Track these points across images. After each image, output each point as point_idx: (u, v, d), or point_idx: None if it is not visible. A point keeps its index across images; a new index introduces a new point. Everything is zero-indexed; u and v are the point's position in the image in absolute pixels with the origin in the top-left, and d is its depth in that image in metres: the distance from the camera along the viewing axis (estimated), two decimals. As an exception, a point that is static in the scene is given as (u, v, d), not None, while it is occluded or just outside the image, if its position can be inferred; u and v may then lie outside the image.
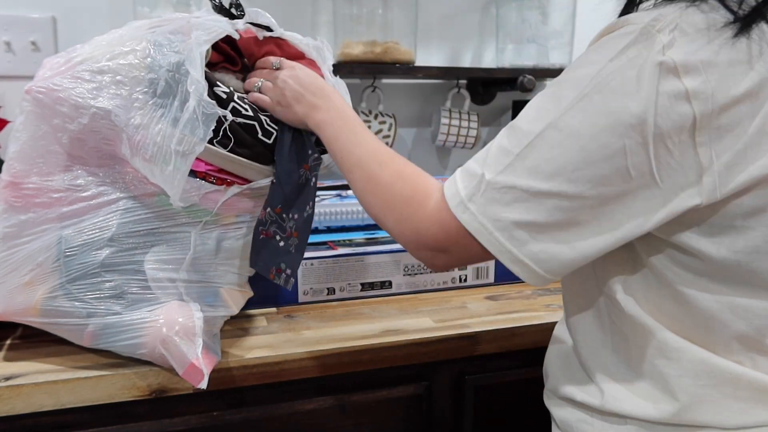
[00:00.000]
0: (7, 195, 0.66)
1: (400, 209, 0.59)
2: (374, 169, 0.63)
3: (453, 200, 0.54)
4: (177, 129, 0.62)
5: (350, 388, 0.78)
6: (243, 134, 0.67)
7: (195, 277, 0.70)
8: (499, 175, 0.52)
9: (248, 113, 0.68)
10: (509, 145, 0.52)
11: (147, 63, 0.64)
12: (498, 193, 0.52)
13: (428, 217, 0.57)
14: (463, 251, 0.56)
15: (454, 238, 0.55)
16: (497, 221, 0.52)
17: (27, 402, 0.64)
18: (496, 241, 0.52)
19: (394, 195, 0.60)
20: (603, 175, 0.48)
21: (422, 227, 0.57)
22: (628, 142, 0.47)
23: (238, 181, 0.69)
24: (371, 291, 0.92)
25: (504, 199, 0.51)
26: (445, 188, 0.56)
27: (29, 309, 0.66)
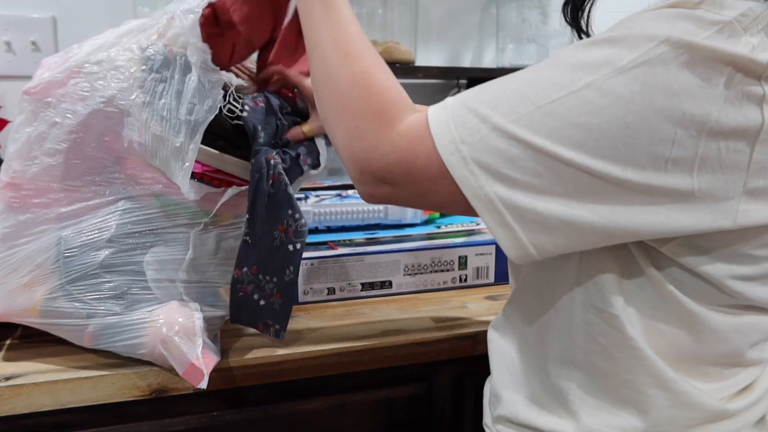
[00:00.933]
0: (6, 195, 0.66)
1: (358, 120, 0.49)
2: (336, 62, 0.51)
3: (441, 137, 0.45)
4: (183, 100, 0.62)
5: (350, 388, 0.78)
6: (239, 135, 0.67)
7: (194, 278, 0.70)
8: (512, 124, 0.43)
9: (244, 113, 0.68)
10: (531, 92, 0.43)
11: (141, 44, 0.64)
12: (505, 143, 0.43)
13: (393, 141, 0.47)
14: (421, 192, 0.47)
15: (417, 174, 0.46)
16: (494, 175, 0.43)
17: (27, 402, 0.64)
18: (485, 196, 0.44)
19: (354, 101, 0.50)
20: (638, 160, 0.41)
21: (380, 151, 0.47)
22: (680, 132, 0.40)
23: (236, 181, 0.69)
24: (371, 291, 0.92)
25: (510, 153, 0.43)
26: (431, 117, 0.46)
27: (29, 310, 0.66)
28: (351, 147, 0.49)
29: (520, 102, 0.43)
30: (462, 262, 0.96)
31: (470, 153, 0.44)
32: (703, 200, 0.42)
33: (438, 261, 0.95)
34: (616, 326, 0.50)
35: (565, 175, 0.42)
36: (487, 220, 0.45)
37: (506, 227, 0.45)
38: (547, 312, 0.55)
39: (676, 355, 0.50)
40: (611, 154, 0.41)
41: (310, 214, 1.02)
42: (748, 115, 0.40)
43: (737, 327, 0.49)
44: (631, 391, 0.51)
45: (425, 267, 0.94)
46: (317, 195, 1.07)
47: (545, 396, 0.55)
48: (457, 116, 0.45)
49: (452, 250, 0.95)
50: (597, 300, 0.51)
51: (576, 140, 0.42)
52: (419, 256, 0.93)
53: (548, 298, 0.55)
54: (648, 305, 0.50)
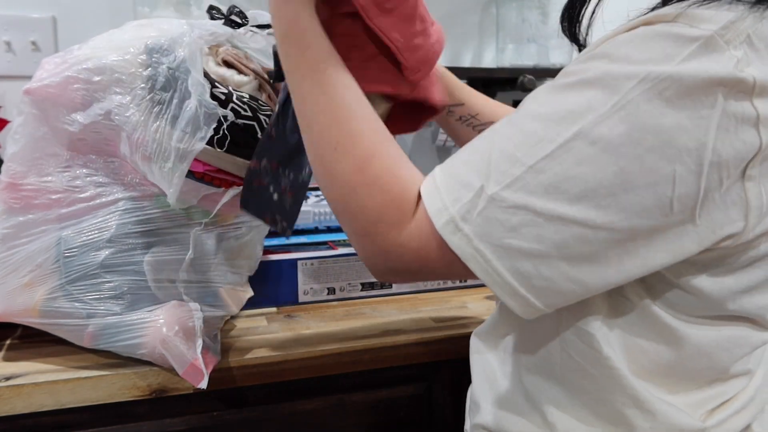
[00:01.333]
0: (6, 196, 0.66)
1: (362, 222, 0.47)
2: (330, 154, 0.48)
3: (439, 218, 0.44)
4: (177, 127, 0.62)
5: (350, 388, 0.78)
6: (242, 135, 0.67)
7: (195, 278, 0.70)
8: (506, 191, 0.42)
9: (247, 113, 0.68)
10: (518, 152, 0.42)
11: (144, 60, 0.64)
12: (504, 213, 0.42)
13: (404, 244, 0.46)
14: (440, 274, 0.47)
15: (433, 263, 0.46)
16: (499, 248, 0.42)
17: (27, 402, 0.64)
18: (494, 272, 0.43)
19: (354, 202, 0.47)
20: (642, 204, 0.40)
21: (393, 254, 0.46)
22: (679, 168, 0.39)
23: (237, 181, 0.69)
24: (371, 291, 0.92)
25: (511, 222, 0.42)
26: (426, 200, 0.45)
27: (29, 310, 0.66)
28: (363, 248, 0.49)
29: (510, 165, 0.42)
30: (462, 262, 0.96)
31: (472, 231, 0.43)
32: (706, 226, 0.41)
33: (438, 261, 0.95)
34: (592, 345, 0.49)
35: (568, 235, 0.41)
36: (499, 293, 0.44)
37: (518, 297, 0.44)
38: (527, 326, 0.55)
39: (657, 371, 0.49)
40: (613, 203, 0.40)
41: (310, 214, 1.02)
42: (746, 140, 0.39)
43: (719, 341, 0.48)
44: (609, 410, 0.50)
45: (425, 267, 0.94)
46: (317, 195, 1.07)
47: (522, 406, 0.55)
48: (450, 192, 0.44)
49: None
50: (573, 318, 0.50)
51: (574, 193, 0.40)
52: (419, 256, 0.93)
53: None
54: (627, 321, 0.49)
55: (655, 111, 0.38)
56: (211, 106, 0.62)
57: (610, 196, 0.40)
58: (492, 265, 0.43)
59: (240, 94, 0.68)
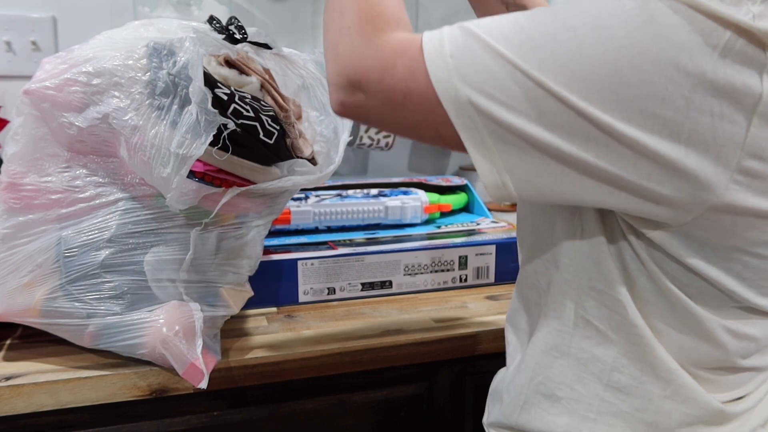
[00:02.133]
0: (6, 196, 0.66)
1: (351, 21, 0.47)
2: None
3: (431, 50, 0.43)
4: (177, 132, 0.62)
5: (350, 388, 0.78)
6: (244, 135, 0.67)
7: (195, 277, 0.70)
8: (503, 47, 0.41)
9: (249, 114, 0.68)
10: (527, 24, 0.42)
11: (145, 64, 0.64)
12: (496, 63, 0.41)
13: (379, 46, 0.45)
14: (393, 103, 0.45)
15: (393, 83, 0.44)
16: (479, 91, 0.41)
17: (27, 402, 0.64)
18: (465, 112, 0.42)
19: (355, 7, 0.48)
20: (625, 110, 0.40)
21: (363, 52, 0.45)
22: (670, 87, 0.39)
23: (237, 181, 0.69)
24: (371, 291, 0.92)
25: (499, 73, 0.41)
26: (426, 34, 0.45)
27: (29, 310, 0.66)
28: (337, 47, 0.48)
29: (516, 33, 0.42)
30: (462, 262, 0.96)
31: (457, 66, 0.42)
32: (689, 173, 0.41)
33: (438, 261, 0.95)
34: (617, 310, 0.49)
35: (550, 107, 0.41)
36: (465, 137, 0.43)
37: (484, 147, 0.43)
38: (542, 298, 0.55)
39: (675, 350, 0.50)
40: (597, 98, 0.40)
41: (310, 214, 1.02)
42: (746, 81, 0.39)
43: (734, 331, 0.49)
44: (625, 377, 0.50)
45: (425, 267, 0.94)
46: (317, 195, 1.07)
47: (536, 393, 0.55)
48: (451, 34, 0.44)
49: (452, 250, 0.95)
50: (597, 282, 0.50)
51: (563, 77, 0.40)
52: (419, 256, 0.94)
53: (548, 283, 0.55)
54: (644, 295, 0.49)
55: (670, 24, 0.38)
56: (211, 113, 0.62)
57: (597, 91, 0.40)
58: (466, 106, 0.42)
59: (242, 95, 0.68)
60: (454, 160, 1.45)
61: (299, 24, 1.29)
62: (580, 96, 0.40)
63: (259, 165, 0.70)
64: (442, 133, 0.44)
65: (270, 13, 1.27)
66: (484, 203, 1.21)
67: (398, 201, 1.07)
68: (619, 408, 0.51)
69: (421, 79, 0.43)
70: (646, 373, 0.50)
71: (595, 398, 0.52)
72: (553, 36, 0.41)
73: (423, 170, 1.44)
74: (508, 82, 0.41)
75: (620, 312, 0.50)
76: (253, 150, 0.69)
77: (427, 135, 0.46)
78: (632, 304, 0.49)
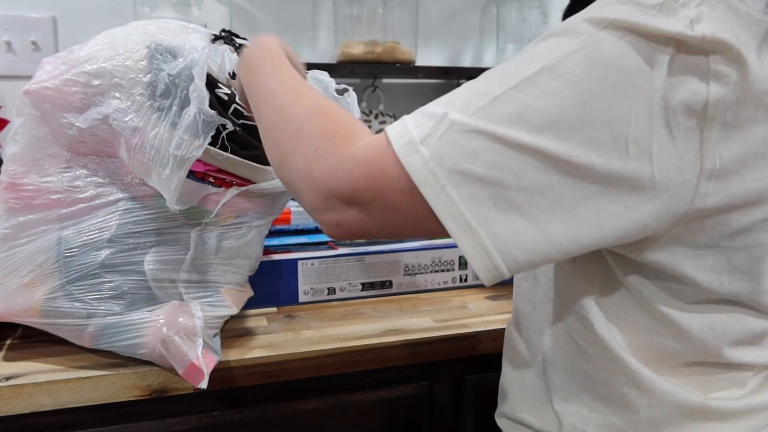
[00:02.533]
0: (7, 196, 0.66)
1: (315, 143, 0.46)
2: (288, 100, 0.51)
3: (398, 139, 0.43)
4: (176, 133, 0.62)
5: (350, 388, 0.78)
6: (244, 135, 0.67)
7: (195, 277, 0.70)
8: (469, 117, 0.41)
9: (250, 114, 0.68)
10: (486, 88, 0.42)
11: (145, 66, 0.64)
12: (464, 137, 0.41)
13: (356, 157, 0.44)
14: (390, 208, 0.43)
15: (383, 188, 0.43)
16: (455, 174, 0.41)
17: (27, 402, 0.64)
18: (446, 197, 0.41)
19: (310, 128, 0.47)
20: (600, 141, 0.40)
21: (343, 168, 0.44)
22: (635, 108, 0.40)
23: (237, 181, 0.69)
24: (371, 291, 0.92)
25: (470, 146, 0.41)
26: (389, 128, 0.44)
27: (29, 310, 0.66)
28: (311, 171, 0.46)
29: (476, 97, 0.42)
30: (462, 262, 0.96)
31: (429, 153, 0.41)
32: (663, 187, 0.42)
33: (438, 261, 0.95)
34: (589, 328, 0.51)
35: (527, 165, 0.41)
36: (450, 226, 0.42)
37: (470, 232, 0.42)
38: (535, 313, 0.58)
39: (652, 353, 0.51)
40: (572, 136, 0.40)
41: (311, 214, 1.02)
42: (694, 89, 0.40)
43: (710, 324, 0.49)
44: (609, 390, 0.52)
45: (425, 267, 0.94)
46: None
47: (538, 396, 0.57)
48: (414, 121, 0.44)
49: (452, 250, 0.95)
50: (572, 303, 0.52)
51: (536, 124, 0.40)
52: (419, 256, 0.94)
53: (535, 301, 0.57)
54: (620, 305, 0.50)
55: (617, 51, 0.40)
56: (209, 114, 0.61)
57: (571, 130, 0.40)
58: (446, 190, 0.41)
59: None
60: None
61: (299, 24, 1.29)
62: (557, 138, 0.40)
63: (259, 165, 0.70)
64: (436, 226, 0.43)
65: (270, 13, 1.27)
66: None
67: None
68: (611, 420, 0.52)
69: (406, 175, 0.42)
70: (626, 385, 0.51)
71: (587, 410, 0.53)
72: (516, 89, 0.41)
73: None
74: (482, 153, 0.41)
75: (590, 329, 0.51)
76: (253, 150, 0.69)
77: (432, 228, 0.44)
78: (598, 320, 0.51)
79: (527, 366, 0.59)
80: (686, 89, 0.40)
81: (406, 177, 0.42)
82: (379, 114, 1.27)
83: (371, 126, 1.25)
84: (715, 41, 0.40)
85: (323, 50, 1.31)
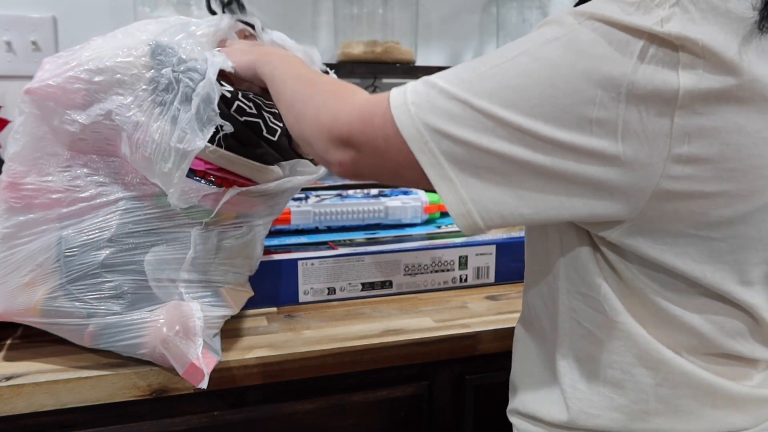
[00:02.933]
0: (7, 196, 0.66)
1: (325, 97, 0.55)
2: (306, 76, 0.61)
3: (396, 100, 0.50)
4: (177, 127, 0.62)
5: (350, 388, 0.78)
6: (247, 133, 0.67)
7: (195, 277, 0.70)
8: (454, 87, 0.47)
9: (252, 111, 0.68)
10: (477, 65, 0.49)
11: (147, 62, 0.64)
12: (448, 102, 0.47)
13: (355, 105, 0.52)
14: (378, 153, 0.51)
15: (375, 134, 0.50)
16: (436, 131, 0.47)
17: (28, 402, 0.64)
18: (429, 151, 0.47)
19: (322, 89, 0.57)
20: (565, 120, 0.45)
21: (343, 112, 0.52)
22: (600, 93, 0.44)
23: (238, 180, 0.69)
24: (372, 291, 0.92)
25: (452, 111, 0.47)
26: (392, 90, 0.51)
27: (29, 309, 0.66)
28: (318, 118, 0.54)
29: (466, 72, 0.48)
30: (462, 262, 0.96)
31: (417, 112, 0.48)
32: (629, 164, 0.45)
33: (438, 261, 0.95)
34: (598, 309, 0.53)
35: (500, 133, 0.46)
36: (431, 174, 0.48)
37: (448, 181, 0.48)
38: (541, 302, 0.60)
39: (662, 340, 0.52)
40: (540, 113, 0.45)
41: (311, 214, 1.02)
42: (665, 79, 0.43)
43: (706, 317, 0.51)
44: (617, 373, 0.53)
45: (425, 267, 0.94)
46: (317, 195, 1.07)
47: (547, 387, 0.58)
48: (412, 87, 0.50)
49: (452, 250, 0.95)
50: (580, 286, 0.54)
51: (509, 100, 0.46)
52: (419, 256, 0.94)
53: (540, 290, 0.59)
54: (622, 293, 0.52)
55: (592, 41, 0.44)
56: (210, 108, 0.62)
57: (539, 107, 0.45)
58: (429, 145, 0.48)
59: (245, 92, 0.68)
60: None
61: (299, 24, 1.29)
62: (526, 114, 0.45)
63: (260, 164, 0.70)
64: (421, 173, 0.49)
65: (270, 13, 1.27)
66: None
67: (398, 201, 1.07)
68: (619, 402, 0.54)
69: (393, 126, 0.49)
70: (635, 366, 0.53)
71: (595, 395, 0.54)
72: (498, 67, 0.47)
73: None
74: (461, 116, 0.47)
75: (601, 311, 0.53)
76: (256, 148, 0.69)
77: (411, 177, 0.51)
78: (610, 303, 0.53)
79: (534, 357, 0.61)
80: (657, 78, 0.43)
81: (396, 129, 0.49)
82: (379, 114, 1.27)
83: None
84: (681, 38, 0.43)
85: (323, 50, 1.31)
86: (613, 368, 0.53)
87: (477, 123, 0.46)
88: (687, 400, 0.52)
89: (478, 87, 0.47)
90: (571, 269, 0.55)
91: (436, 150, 0.47)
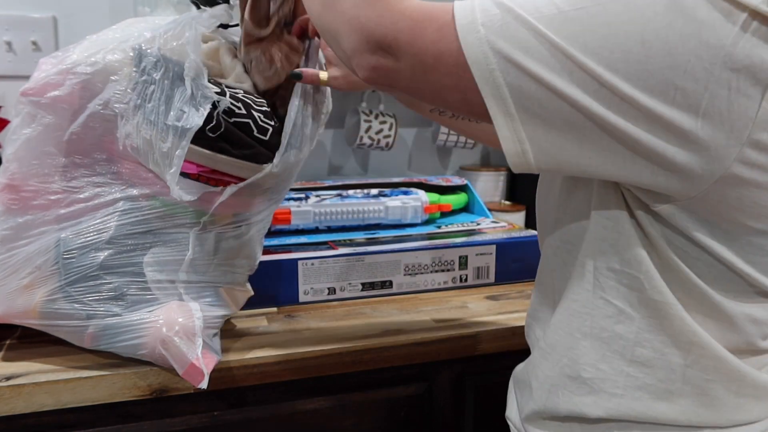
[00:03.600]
0: (5, 197, 0.66)
1: None
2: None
3: (463, 17, 0.45)
4: (173, 106, 0.63)
5: (350, 388, 0.78)
6: (238, 134, 0.67)
7: (194, 278, 0.70)
8: (535, 19, 0.43)
9: (242, 111, 0.68)
10: (558, 1, 0.44)
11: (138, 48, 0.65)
12: (525, 32, 0.43)
13: (406, 11, 0.47)
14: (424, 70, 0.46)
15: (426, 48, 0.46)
16: (506, 60, 0.43)
17: (28, 402, 0.64)
18: (493, 80, 0.44)
19: None
20: (648, 81, 0.42)
21: (390, 17, 0.47)
22: (693, 60, 0.41)
23: (233, 180, 0.69)
24: (372, 291, 0.92)
25: (528, 42, 0.43)
26: (456, 4, 0.46)
27: (29, 311, 0.66)
28: (358, 15, 0.48)
29: (546, 7, 0.44)
30: (462, 262, 0.96)
31: (487, 35, 0.44)
32: (703, 143, 0.42)
33: (438, 261, 0.95)
34: (633, 287, 0.51)
35: (576, 76, 0.43)
36: (491, 105, 0.45)
37: (508, 116, 0.45)
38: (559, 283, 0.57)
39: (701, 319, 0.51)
40: (623, 69, 0.42)
41: (311, 214, 1.02)
42: (763, 56, 0.40)
43: (752, 315, 0.50)
44: (646, 352, 0.51)
45: (425, 267, 0.94)
46: (317, 195, 1.07)
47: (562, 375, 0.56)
48: (481, 5, 0.45)
49: (452, 250, 0.95)
50: (614, 262, 0.52)
51: (592, 47, 0.42)
52: (419, 256, 0.94)
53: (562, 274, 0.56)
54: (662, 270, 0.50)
55: (693, 3, 0.41)
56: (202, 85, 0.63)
57: (623, 62, 0.42)
58: (494, 74, 0.44)
59: (234, 92, 0.68)
60: (454, 160, 1.45)
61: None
62: (607, 67, 0.42)
63: (255, 164, 0.69)
64: (468, 98, 0.46)
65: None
66: (484, 203, 1.21)
67: (398, 201, 1.07)
68: (644, 381, 0.52)
69: (452, 43, 0.45)
70: (667, 345, 0.51)
71: (620, 375, 0.53)
72: (585, 10, 0.43)
73: (423, 170, 1.44)
74: (537, 50, 0.43)
75: (638, 289, 0.51)
76: (249, 149, 0.68)
77: (453, 100, 0.47)
78: (651, 280, 0.50)
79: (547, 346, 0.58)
80: (756, 55, 0.40)
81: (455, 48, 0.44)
82: (379, 114, 1.27)
83: (371, 126, 1.25)
84: None
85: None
86: (643, 347, 0.51)
87: (554, 61, 0.43)
88: (714, 384, 0.51)
89: (558, 25, 0.43)
90: (607, 244, 0.52)
91: (501, 80, 0.44)
